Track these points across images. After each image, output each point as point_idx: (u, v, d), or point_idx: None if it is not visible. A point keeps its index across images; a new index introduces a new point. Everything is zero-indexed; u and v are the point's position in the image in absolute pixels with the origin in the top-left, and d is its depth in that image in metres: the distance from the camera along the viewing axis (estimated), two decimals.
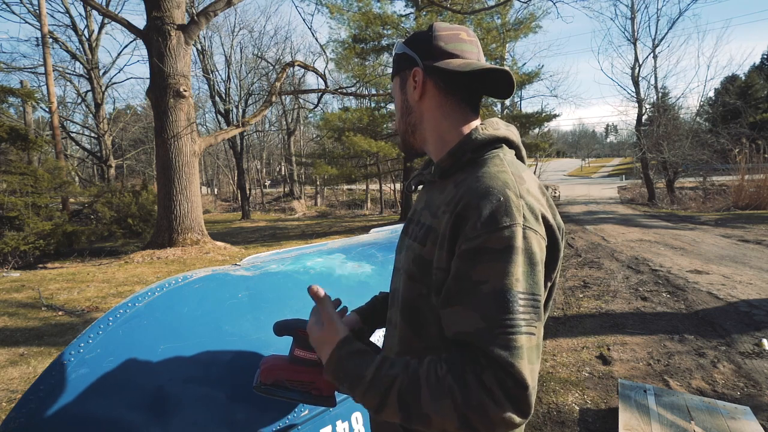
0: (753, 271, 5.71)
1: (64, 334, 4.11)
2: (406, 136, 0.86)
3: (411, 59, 0.81)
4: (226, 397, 1.01)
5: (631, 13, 20.41)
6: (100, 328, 0.98)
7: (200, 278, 1.19)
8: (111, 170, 19.11)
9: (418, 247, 0.75)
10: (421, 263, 0.73)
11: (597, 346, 3.52)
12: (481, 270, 0.61)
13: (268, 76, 24.66)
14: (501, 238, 0.61)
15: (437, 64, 0.78)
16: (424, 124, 0.83)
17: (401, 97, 0.85)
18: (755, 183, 14.69)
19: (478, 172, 0.70)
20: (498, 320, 0.59)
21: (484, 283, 0.60)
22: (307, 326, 0.82)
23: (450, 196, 0.72)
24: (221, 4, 9.11)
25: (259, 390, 0.90)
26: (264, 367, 0.91)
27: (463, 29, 0.83)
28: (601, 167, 55.48)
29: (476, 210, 0.63)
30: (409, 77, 0.82)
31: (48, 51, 13.07)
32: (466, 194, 0.67)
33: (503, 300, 0.59)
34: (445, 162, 0.77)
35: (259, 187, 33.90)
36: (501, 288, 0.60)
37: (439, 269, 0.69)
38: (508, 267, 0.60)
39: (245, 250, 9.56)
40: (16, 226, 8.63)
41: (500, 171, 0.69)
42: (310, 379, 0.89)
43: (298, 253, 1.63)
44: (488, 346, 0.58)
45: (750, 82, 33.43)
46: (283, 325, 0.90)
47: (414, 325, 0.76)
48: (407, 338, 0.78)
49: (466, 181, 0.70)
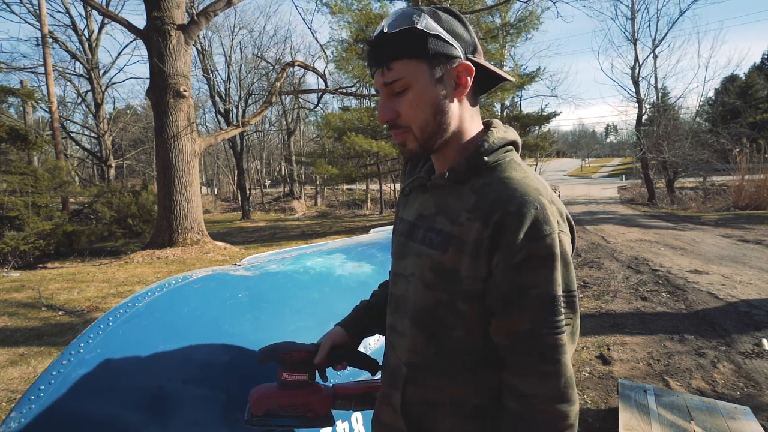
0: (753, 271, 5.71)
1: (64, 334, 4.11)
2: (434, 138, 0.73)
3: (452, 49, 0.70)
4: (226, 398, 1.01)
5: (632, 13, 20.40)
6: (100, 328, 0.98)
7: (200, 278, 1.20)
8: (111, 170, 19.10)
9: (437, 254, 0.72)
10: (441, 270, 0.71)
11: (597, 346, 3.52)
12: (528, 277, 0.65)
13: (268, 76, 24.65)
14: (544, 246, 0.64)
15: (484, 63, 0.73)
16: (455, 126, 0.74)
17: (434, 92, 0.70)
18: (755, 183, 14.68)
19: (503, 179, 0.70)
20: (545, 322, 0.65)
21: (532, 288, 0.65)
22: None
23: (472, 202, 0.70)
24: (221, 4, 9.12)
25: (251, 423, 0.85)
26: (253, 398, 0.86)
27: None
28: (601, 167, 55.48)
29: (517, 220, 0.65)
30: (451, 71, 0.70)
31: (48, 51, 13.06)
32: (499, 203, 0.67)
33: (549, 304, 0.65)
34: (462, 167, 0.73)
35: (259, 187, 33.90)
36: (546, 293, 0.65)
37: (473, 278, 0.68)
38: (552, 273, 0.65)
39: (245, 250, 9.56)
40: (16, 226, 8.63)
41: (525, 176, 0.70)
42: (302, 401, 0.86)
43: (298, 253, 1.63)
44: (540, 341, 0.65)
45: (750, 82, 33.41)
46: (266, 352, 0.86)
47: (427, 332, 0.75)
48: (418, 344, 0.76)
49: (493, 188, 0.69)
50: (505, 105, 21.40)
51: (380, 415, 0.84)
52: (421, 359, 0.76)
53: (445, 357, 0.73)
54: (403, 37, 0.68)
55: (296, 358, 0.86)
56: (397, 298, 0.82)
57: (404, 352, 0.78)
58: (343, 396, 0.90)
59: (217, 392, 1.01)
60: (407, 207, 0.86)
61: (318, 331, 0.93)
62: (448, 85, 0.71)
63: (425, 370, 0.76)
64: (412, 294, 0.77)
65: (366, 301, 1.01)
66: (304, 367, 0.87)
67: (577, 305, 0.69)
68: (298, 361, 0.87)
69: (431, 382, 0.75)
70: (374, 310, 0.97)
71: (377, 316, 0.95)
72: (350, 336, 0.93)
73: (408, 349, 0.78)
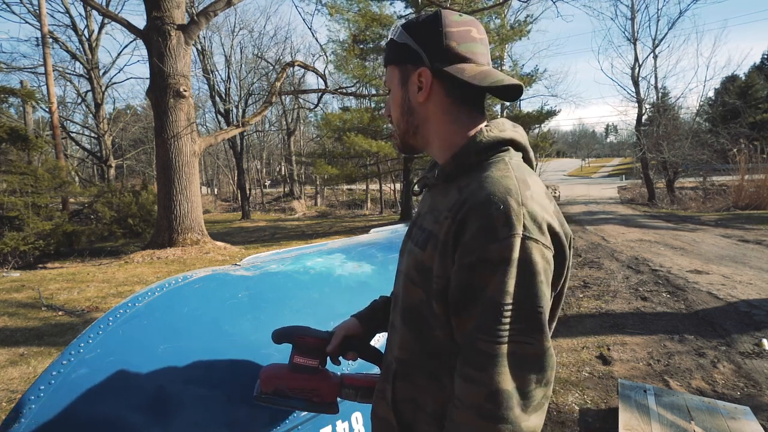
0: (753, 271, 5.71)
1: (64, 334, 4.11)
2: (407, 136, 0.81)
3: (416, 55, 0.74)
4: (226, 398, 1.01)
5: (631, 13, 20.42)
6: (100, 328, 0.98)
7: (200, 278, 1.19)
8: (111, 170, 19.10)
9: (419, 252, 0.73)
10: (422, 269, 0.72)
11: (597, 346, 3.52)
12: (480, 280, 0.62)
13: (268, 76, 24.65)
14: (497, 249, 0.61)
15: (449, 69, 0.72)
16: (428, 127, 0.78)
17: (401, 94, 0.78)
18: (755, 183, 14.70)
19: (481, 177, 0.68)
20: (483, 327, 0.62)
21: (478, 291, 0.62)
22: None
23: (452, 201, 0.70)
24: (221, 4, 9.11)
25: (259, 400, 0.89)
26: (264, 376, 0.90)
27: (474, 23, 0.76)
28: (601, 167, 55.47)
29: (476, 219, 0.63)
30: (413, 75, 0.75)
31: (48, 51, 13.06)
32: (467, 201, 0.66)
33: (492, 310, 0.61)
34: (449, 166, 0.74)
35: (259, 187, 33.89)
36: (490, 298, 0.61)
37: (439, 277, 0.68)
38: (502, 279, 0.61)
39: (245, 250, 9.56)
40: (16, 226, 8.63)
41: (504, 176, 0.66)
42: (311, 386, 0.88)
43: (298, 253, 1.63)
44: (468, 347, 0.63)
45: (750, 82, 33.40)
46: (282, 333, 0.89)
47: (414, 329, 0.76)
48: (407, 342, 0.77)
49: (469, 187, 0.68)
50: (505, 105, 21.38)
51: (376, 409, 0.85)
52: (409, 356, 0.77)
53: (428, 355, 0.74)
54: (388, 47, 0.81)
55: (310, 343, 0.89)
56: (395, 295, 0.85)
57: (395, 347, 0.81)
58: (350, 386, 0.92)
59: (217, 392, 1.01)
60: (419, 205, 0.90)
61: None
62: (411, 89, 0.77)
63: (412, 367, 0.77)
64: (402, 291, 0.79)
65: (385, 296, 1.02)
66: (317, 353, 0.90)
67: (543, 325, 0.62)
68: (311, 346, 0.89)
69: (418, 381, 0.76)
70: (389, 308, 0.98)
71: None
72: (364, 328, 0.95)
73: (398, 345, 0.80)
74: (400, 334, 0.79)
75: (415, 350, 0.76)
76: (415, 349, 0.76)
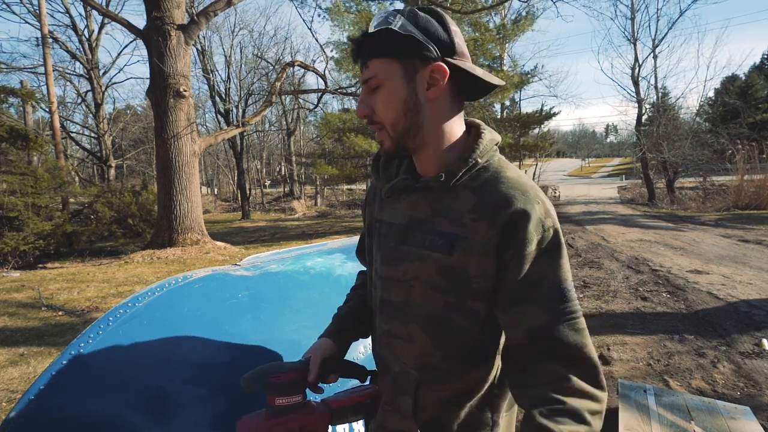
0: (753, 271, 5.71)
1: (64, 334, 4.11)
2: (405, 136, 0.74)
3: (425, 49, 0.70)
4: (226, 398, 1.01)
5: (631, 13, 20.40)
6: (100, 328, 0.98)
7: (200, 278, 1.20)
8: (111, 170, 19.10)
9: (443, 257, 0.72)
10: (450, 272, 0.72)
11: (597, 346, 3.52)
12: (540, 269, 0.68)
13: (268, 76, 24.62)
14: (550, 238, 0.68)
15: (464, 65, 0.72)
16: (430, 127, 0.74)
17: (406, 91, 0.72)
18: (755, 183, 14.69)
19: (501, 179, 0.72)
20: (562, 310, 0.67)
21: (544, 280, 0.68)
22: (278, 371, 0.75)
23: (472, 203, 0.71)
24: (221, 4, 9.11)
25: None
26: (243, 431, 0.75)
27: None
28: (601, 167, 55.45)
29: (525, 216, 0.68)
30: (424, 71, 0.71)
31: (48, 51, 13.06)
32: (505, 202, 0.69)
33: (562, 292, 0.68)
34: (456, 168, 0.73)
35: (259, 187, 33.88)
36: (558, 282, 0.68)
37: (483, 276, 0.70)
38: (560, 262, 0.69)
39: (245, 250, 9.56)
40: (16, 226, 8.63)
41: (520, 175, 0.74)
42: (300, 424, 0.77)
43: (298, 253, 1.63)
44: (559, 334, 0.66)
45: (750, 82, 33.42)
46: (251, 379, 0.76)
47: (439, 335, 0.75)
48: (430, 348, 0.76)
49: (493, 188, 0.71)
50: (505, 105, 21.41)
51: (385, 423, 0.82)
52: (435, 361, 0.76)
53: (456, 356, 0.75)
54: (379, 37, 0.70)
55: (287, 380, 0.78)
56: (396, 303, 0.80)
57: (411, 357, 0.78)
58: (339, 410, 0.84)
59: (217, 392, 1.01)
60: (387, 209, 0.84)
61: (318, 331, 0.93)
62: (419, 85, 0.72)
63: (438, 372, 0.76)
64: (418, 298, 0.76)
65: (344, 307, 0.98)
66: (297, 386, 0.80)
67: None
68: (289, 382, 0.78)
69: (444, 382, 0.76)
70: (355, 317, 0.95)
71: (359, 322, 0.94)
72: (338, 345, 0.89)
73: (417, 354, 0.77)
74: (420, 341, 0.77)
75: (439, 355, 0.76)
76: (438, 354, 0.76)
